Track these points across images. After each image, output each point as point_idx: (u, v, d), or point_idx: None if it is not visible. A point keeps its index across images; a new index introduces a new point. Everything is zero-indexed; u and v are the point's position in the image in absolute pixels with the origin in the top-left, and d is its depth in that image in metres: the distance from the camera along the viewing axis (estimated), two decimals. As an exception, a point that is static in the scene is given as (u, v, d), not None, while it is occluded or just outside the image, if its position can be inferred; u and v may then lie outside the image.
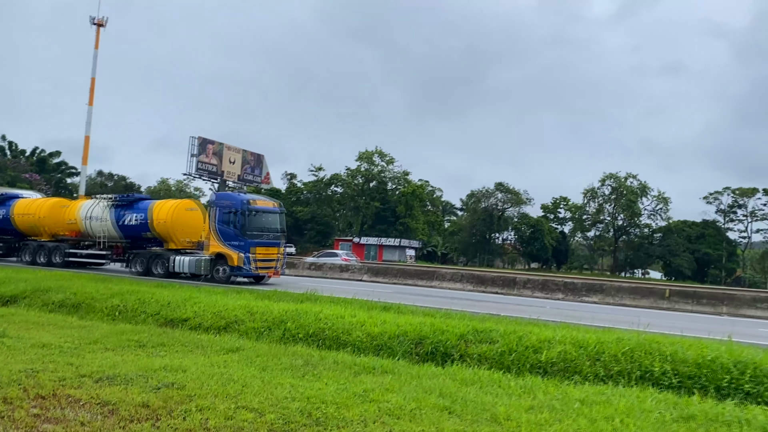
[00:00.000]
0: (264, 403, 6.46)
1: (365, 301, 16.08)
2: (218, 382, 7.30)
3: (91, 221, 26.92)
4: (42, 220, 28.92)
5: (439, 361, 10.71)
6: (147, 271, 24.47)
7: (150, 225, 25.02)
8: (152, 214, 25.08)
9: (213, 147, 45.71)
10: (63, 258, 27.42)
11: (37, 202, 30.46)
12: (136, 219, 25.56)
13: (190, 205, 25.77)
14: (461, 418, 6.41)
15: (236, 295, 16.68)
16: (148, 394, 6.54)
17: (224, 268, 22.72)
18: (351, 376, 8.27)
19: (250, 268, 22.55)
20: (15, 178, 62.01)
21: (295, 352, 9.95)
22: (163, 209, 25.08)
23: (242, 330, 12.65)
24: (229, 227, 22.76)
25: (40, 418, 5.53)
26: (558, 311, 18.62)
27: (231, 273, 22.54)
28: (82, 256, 27.52)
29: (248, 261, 22.45)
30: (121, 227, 26.03)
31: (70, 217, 28.10)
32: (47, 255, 28.18)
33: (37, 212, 29.25)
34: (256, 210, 23.22)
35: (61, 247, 27.88)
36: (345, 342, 11.58)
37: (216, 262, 22.99)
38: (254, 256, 22.66)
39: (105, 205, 26.87)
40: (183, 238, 24.91)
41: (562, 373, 9.79)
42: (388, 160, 55.66)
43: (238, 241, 22.54)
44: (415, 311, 15.26)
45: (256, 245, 22.80)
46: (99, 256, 27.15)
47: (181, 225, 24.92)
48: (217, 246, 22.96)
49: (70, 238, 28.21)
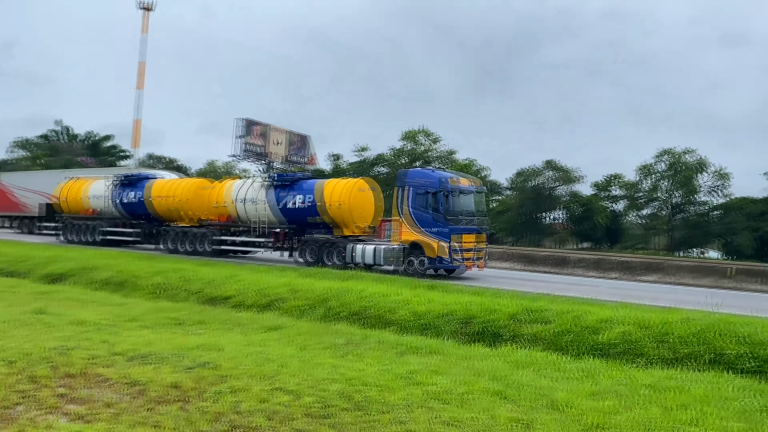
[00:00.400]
0: (301, 384, 6.01)
1: (410, 279, 15.56)
2: (255, 361, 6.89)
3: (245, 204, 23.50)
4: (184, 203, 25.57)
5: (488, 341, 10.10)
6: (318, 260, 21.06)
7: (320, 208, 21.66)
8: (322, 195, 21.81)
9: (259, 128, 45.85)
10: (211, 246, 24.15)
11: (176, 183, 27.30)
12: (302, 201, 22.24)
13: (363, 185, 22.12)
14: (516, 404, 5.81)
15: (279, 272, 16.41)
16: (180, 374, 6.18)
17: (421, 258, 19.14)
18: (395, 357, 7.77)
19: (454, 258, 18.96)
20: (70, 162, 63.74)
21: (337, 331, 9.51)
22: (337, 190, 21.71)
23: (284, 308, 12.33)
24: (427, 210, 19.26)
25: (65, 398, 5.22)
26: (615, 290, 17.67)
27: (429, 265, 19.12)
28: (235, 243, 24.30)
29: (451, 251, 18.88)
30: (283, 211, 22.69)
31: (216, 199, 24.60)
32: (191, 242, 24.86)
33: (177, 194, 25.95)
34: (459, 190, 19.77)
35: (208, 233, 24.45)
36: (389, 321, 11.09)
37: (410, 252, 19.52)
38: (459, 245, 19.11)
39: (260, 185, 23.58)
40: (360, 223, 21.71)
41: (624, 356, 9.05)
42: (434, 138, 54.66)
43: (438, 227, 19.03)
44: (461, 290, 14.66)
45: (461, 232, 19.23)
46: (256, 244, 23.76)
47: (359, 208, 21.61)
48: (410, 233, 19.43)
49: (217, 223, 24.76)
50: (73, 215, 30.35)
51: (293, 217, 22.65)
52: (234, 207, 23.91)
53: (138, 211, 27.60)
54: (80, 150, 70.97)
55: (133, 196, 27.62)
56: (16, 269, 17.43)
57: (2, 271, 17.42)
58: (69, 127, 75.11)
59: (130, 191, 27.80)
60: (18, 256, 19.04)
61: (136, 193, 27.55)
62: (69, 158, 65.56)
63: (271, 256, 24.34)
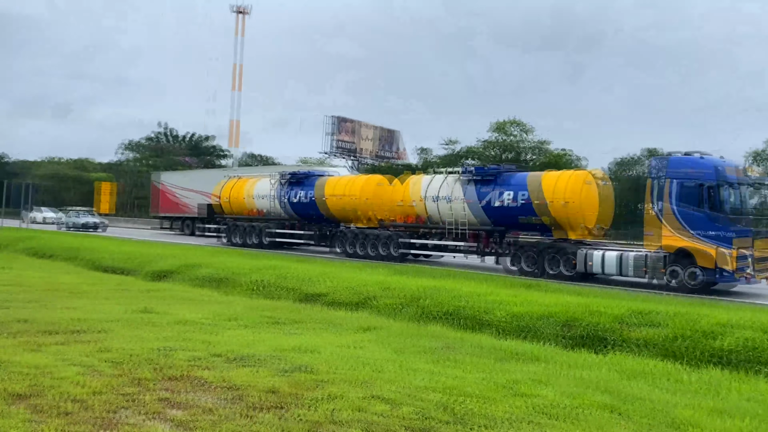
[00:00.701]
0: (399, 392, 5.80)
1: (505, 277, 15.06)
2: (350, 365, 6.77)
3: (438, 202, 20.96)
4: (363, 203, 23.64)
5: (593, 346, 9.52)
6: (539, 269, 17.99)
7: (538, 207, 18.46)
8: (540, 191, 18.55)
9: (349, 125, 46.23)
10: (398, 249, 21.88)
11: (352, 180, 25.41)
12: (512, 198, 19.13)
13: (589, 178, 18.71)
14: (632, 422, 5.32)
15: (371, 270, 16.38)
16: (278, 378, 6.14)
17: (692, 270, 15.21)
18: (494, 363, 7.42)
19: (741, 269, 14.85)
20: (172, 162, 67.22)
21: (433, 333, 9.27)
22: (561, 184, 18.32)
23: (377, 306, 12.25)
24: (700, 209, 15.32)
25: (167, 402, 5.28)
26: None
27: (705, 277, 15.07)
28: (427, 247, 21.83)
29: (739, 259, 14.78)
30: (486, 210, 19.77)
31: (402, 197, 22.34)
32: (372, 246, 22.68)
33: (355, 192, 23.93)
34: (746, 182, 15.90)
35: (394, 236, 22.19)
36: (485, 322, 10.73)
37: (674, 262, 15.64)
38: (748, 252, 15.09)
39: (454, 180, 20.92)
40: (589, 223, 18.32)
41: (748, 365, 8.24)
42: (527, 129, 53.17)
43: (717, 229, 15.06)
44: (560, 289, 14.03)
45: (747, 235, 15.27)
46: (454, 248, 21.09)
47: (589, 206, 18.23)
48: (675, 237, 15.60)
49: (402, 224, 22.52)
50: (235, 216, 29.08)
51: (500, 217, 19.60)
52: (423, 206, 21.53)
53: (308, 212, 25.89)
54: (182, 150, 74.68)
55: (304, 195, 25.84)
56: (126, 267, 18.44)
57: (116, 269, 18.48)
58: (172, 129, 79.22)
59: (300, 190, 26.15)
60: (129, 254, 20.15)
61: (307, 192, 25.76)
62: (172, 158, 69.17)
63: (467, 261, 21.59)
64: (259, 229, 27.47)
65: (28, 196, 35.90)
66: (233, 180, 30.26)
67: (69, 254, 21.52)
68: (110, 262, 19.30)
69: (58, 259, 21.08)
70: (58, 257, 21.41)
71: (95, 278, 15.42)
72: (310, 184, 25.86)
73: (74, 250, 22.15)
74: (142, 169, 67.73)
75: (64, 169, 71.65)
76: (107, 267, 18.78)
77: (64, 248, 22.88)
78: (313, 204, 25.29)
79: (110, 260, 19.46)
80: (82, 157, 78.42)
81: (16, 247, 24.49)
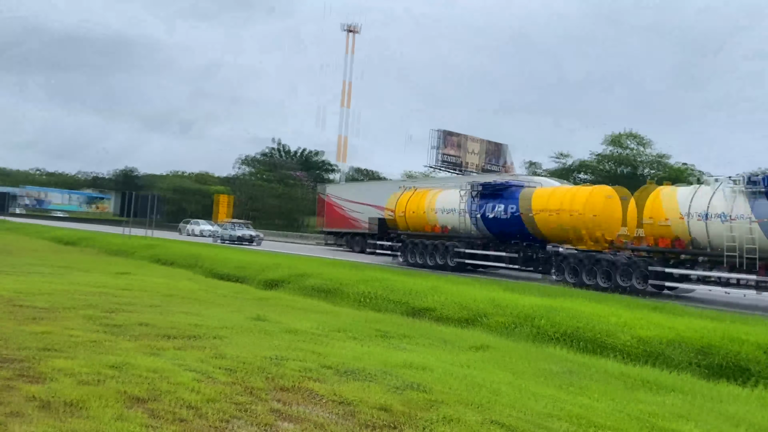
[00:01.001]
0: (519, 419, 5.35)
1: (629, 298, 14.03)
2: (465, 385, 6.38)
3: (707, 220, 16.63)
4: (589, 220, 19.72)
5: (734, 377, 8.53)
6: None
7: None
8: None
9: (455, 139, 45.74)
10: (643, 280, 17.90)
11: (571, 193, 21.45)
12: None
13: None
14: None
15: (481, 285, 15.86)
16: (390, 395, 5.87)
17: None
18: (624, 391, 6.75)
19: None
20: (285, 176, 69.90)
21: (551, 355, 8.67)
22: None
23: (488, 324, 11.75)
24: None
25: (279, 414, 5.14)
26: None
27: None
28: (691, 279, 17.33)
29: None
30: None
31: (651, 214, 18.04)
32: (606, 274, 18.59)
33: (575, 207, 20.11)
34: None
35: (639, 263, 18.03)
36: (607, 345, 9.96)
37: None
38: None
39: (733, 192, 16.35)
40: None
41: None
42: (644, 142, 50.42)
43: None
44: (691, 313, 12.83)
45: None
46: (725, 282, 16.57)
47: None
48: None
49: (645, 248, 18.31)
50: (413, 232, 26.07)
51: None
52: (684, 225, 17.22)
53: (508, 229, 22.36)
54: (294, 165, 77.58)
55: (503, 209, 22.24)
56: (240, 275, 19.08)
57: (231, 277, 19.17)
58: (285, 144, 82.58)
59: (498, 203, 22.58)
60: (243, 262, 20.88)
61: (507, 206, 22.14)
62: (284, 173, 71.99)
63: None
64: (444, 248, 24.24)
65: (154, 208, 38.35)
66: (409, 192, 27.21)
67: (188, 261, 22.62)
68: (225, 270, 20.05)
69: (178, 266, 22.19)
70: (178, 264, 22.56)
71: (211, 285, 16.00)
72: (511, 197, 22.35)
73: (193, 257, 23.28)
74: (257, 183, 70.90)
75: (187, 182, 76.61)
76: (223, 275, 19.52)
77: (184, 255, 24.12)
78: (517, 220, 21.72)
79: (225, 268, 20.22)
80: (202, 171, 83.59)
81: (142, 254, 26.11)
